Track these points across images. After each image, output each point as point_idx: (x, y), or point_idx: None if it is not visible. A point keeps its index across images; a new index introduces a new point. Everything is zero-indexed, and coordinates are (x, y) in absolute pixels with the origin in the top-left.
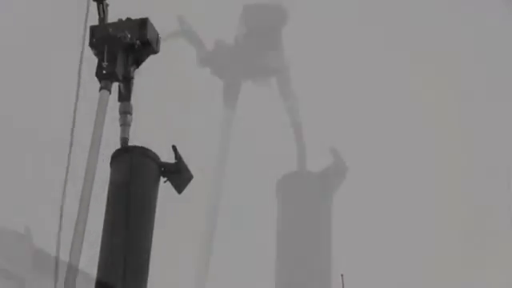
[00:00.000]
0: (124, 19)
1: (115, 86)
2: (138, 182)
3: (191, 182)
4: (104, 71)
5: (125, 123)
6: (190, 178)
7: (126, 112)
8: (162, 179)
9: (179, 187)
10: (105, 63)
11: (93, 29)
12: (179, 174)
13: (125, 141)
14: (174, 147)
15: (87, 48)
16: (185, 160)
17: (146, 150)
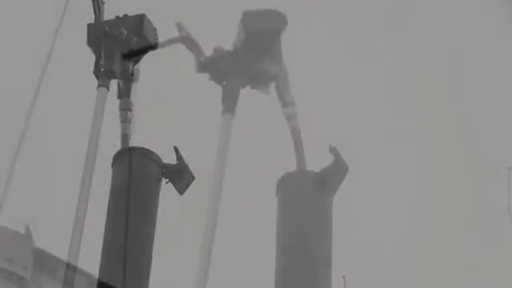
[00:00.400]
0: (121, 16)
1: (115, 86)
2: (139, 183)
3: (192, 182)
4: (102, 69)
5: (125, 120)
6: (191, 178)
7: (125, 109)
8: (164, 180)
9: (181, 188)
10: (102, 61)
11: (89, 27)
12: (181, 175)
13: (125, 138)
14: (176, 148)
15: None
16: (186, 161)
17: (147, 151)
